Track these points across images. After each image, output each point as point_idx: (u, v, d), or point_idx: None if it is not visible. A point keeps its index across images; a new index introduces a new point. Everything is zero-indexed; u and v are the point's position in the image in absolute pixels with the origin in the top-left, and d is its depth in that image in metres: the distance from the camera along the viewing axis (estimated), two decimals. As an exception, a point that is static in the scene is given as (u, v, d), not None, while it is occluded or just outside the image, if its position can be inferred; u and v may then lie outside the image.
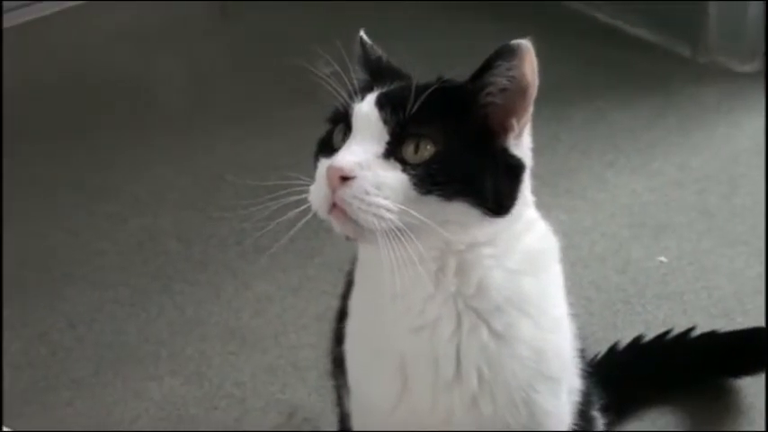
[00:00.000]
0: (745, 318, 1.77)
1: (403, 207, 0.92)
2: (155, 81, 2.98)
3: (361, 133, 0.95)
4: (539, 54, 0.95)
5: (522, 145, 1.00)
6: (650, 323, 1.77)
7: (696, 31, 2.69)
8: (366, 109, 0.95)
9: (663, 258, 1.96)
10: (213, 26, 3.36)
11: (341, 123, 0.98)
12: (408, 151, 0.93)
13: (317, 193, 0.94)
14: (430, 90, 0.94)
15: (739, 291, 1.85)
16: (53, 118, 2.77)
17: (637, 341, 1.63)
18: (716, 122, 2.44)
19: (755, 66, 2.60)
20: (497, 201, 0.96)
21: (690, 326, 1.62)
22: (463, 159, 0.94)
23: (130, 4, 3.37)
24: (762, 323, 1.71)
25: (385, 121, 0.94)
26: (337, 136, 0.98)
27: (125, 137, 2.64)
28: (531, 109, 0.98)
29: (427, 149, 0.93)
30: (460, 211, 0.94)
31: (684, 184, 2.21)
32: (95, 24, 3.31)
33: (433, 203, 0.93)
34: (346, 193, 0.91)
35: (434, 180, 0.92)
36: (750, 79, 2.56)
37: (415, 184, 0.92)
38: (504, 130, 0.97)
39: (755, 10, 2.55)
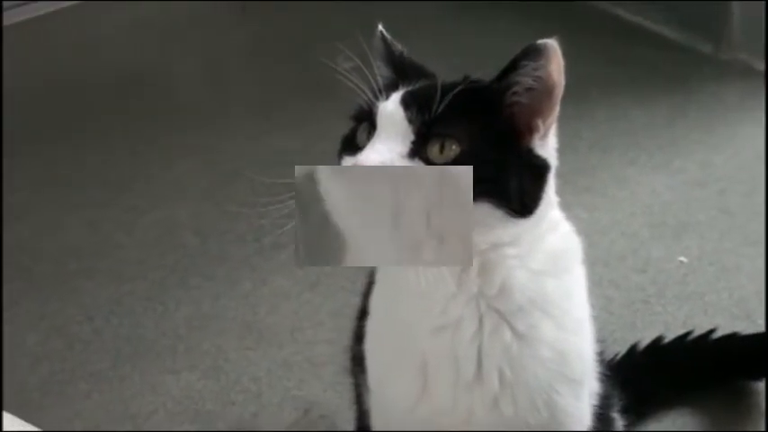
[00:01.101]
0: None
1: (426, 207, 0.91)
2: (174, 77, 2.99)
3: (386, 132, 0.94)
4: (562, 52, 0.94)
5: (548, 145, 0.99)
6: (670, 323, 1.76)
7: (718, 29, 2.67)
8: (391, 108, 0.94)
9: (683, 258, 1.94)
10: (234, 23, 3.37)
11: (365, 122, 0.98)
12: (433, 151, 0.92)
13: (341, 191, 0.93)
14: (456, 90, 0.93)
15: (761, 291, 1.82)
16: (72, 113, 2.79)
17: (657, 342, 1.61)
18: (737, 120, 2.42)
19: (778, 63, 2.58)
20: (522, 201, 0.95)
21: (711, 326, 1.60)
22: (488, 160, 0.93)
23: (151, 3, 3.39)
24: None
25: (410, 121, 0.93)
26: (362, 134, 0.98)
27: (144, 132, 2.66)
28: (557, 109, 0.97)
29: (452, 149, 0.92)
30: (484, 211, 0.93)
31: (705, 182, 2.19)
32: (116, 21, 3.33)
33: (457, 204, 0.92)
34: (370, 192, 0.90)
35: None
36: (772, 77, 2.54)
37: None
38: (530, 130, 0.96)
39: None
